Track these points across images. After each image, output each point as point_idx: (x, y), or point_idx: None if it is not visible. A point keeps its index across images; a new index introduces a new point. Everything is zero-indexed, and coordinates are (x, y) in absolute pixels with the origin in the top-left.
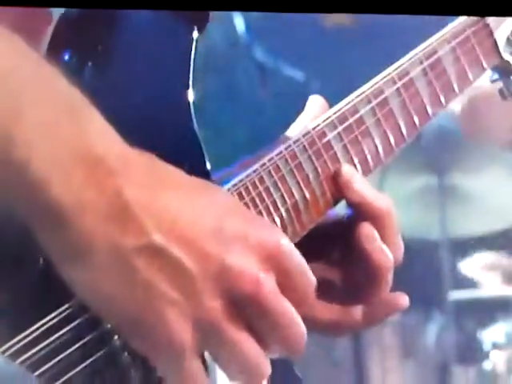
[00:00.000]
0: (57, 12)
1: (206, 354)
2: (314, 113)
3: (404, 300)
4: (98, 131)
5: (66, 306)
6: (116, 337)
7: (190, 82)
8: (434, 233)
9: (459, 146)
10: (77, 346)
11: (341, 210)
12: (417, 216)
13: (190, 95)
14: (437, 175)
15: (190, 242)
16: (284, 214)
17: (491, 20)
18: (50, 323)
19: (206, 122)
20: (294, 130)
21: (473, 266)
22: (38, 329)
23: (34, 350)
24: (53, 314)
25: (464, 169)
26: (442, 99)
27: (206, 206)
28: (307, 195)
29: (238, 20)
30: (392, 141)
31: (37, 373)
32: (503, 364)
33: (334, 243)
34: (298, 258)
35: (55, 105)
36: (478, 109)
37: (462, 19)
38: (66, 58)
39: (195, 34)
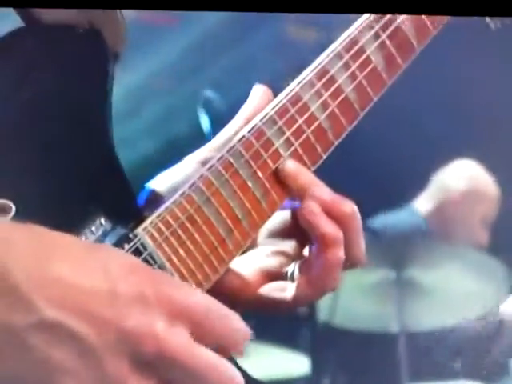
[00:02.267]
0: None
1: None
2: (256, 104)
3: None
4: None
5: None
6: None
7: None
8: (391, 326)
9: (417, 242)
10: None
11: None
12: (375, 309)
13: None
14: (395, 269)
15: (83, 311)
16: (221, 231)
17: None
18: None
19: None
20: (235, 125)
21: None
22: None
23: None
24: None
25: (421, 264)
26: (399, 60)
27: (97, 271)
28: (246, 203)
29: (204, 118)
30: (343, 120)
31: None
32: None
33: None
34: (213, 307)
35: None
36: (447, 211)
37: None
38: None
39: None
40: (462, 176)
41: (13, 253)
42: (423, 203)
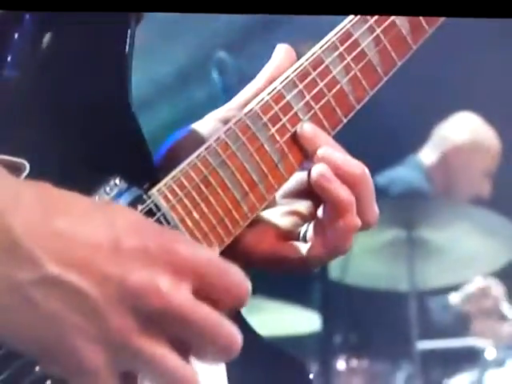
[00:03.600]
0: None
1: None
2: (278, 64)
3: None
4: None
5: None
6: (38, 367)
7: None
8: (402, 284)
9: (427, 202)
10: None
11: None
12: (386, 268)
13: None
14: (405, 229)
15: (87, 266)
16: (236, 194)
17: None
18: None
19: None
20: (256, 85)
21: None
22: None
23: None
24: None
25: (431, 224)
26: (424, 25)
27: (101, 227)
28: (263, 166)
29: (217, 79)
30: (365, 84)
31: None
32: None
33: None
34: (215, 262)
35: None
36: (449, 162)
37: None
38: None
39: (130, 28)
40: (463, 128)
41: (18, 208)
42: (426, 155)
